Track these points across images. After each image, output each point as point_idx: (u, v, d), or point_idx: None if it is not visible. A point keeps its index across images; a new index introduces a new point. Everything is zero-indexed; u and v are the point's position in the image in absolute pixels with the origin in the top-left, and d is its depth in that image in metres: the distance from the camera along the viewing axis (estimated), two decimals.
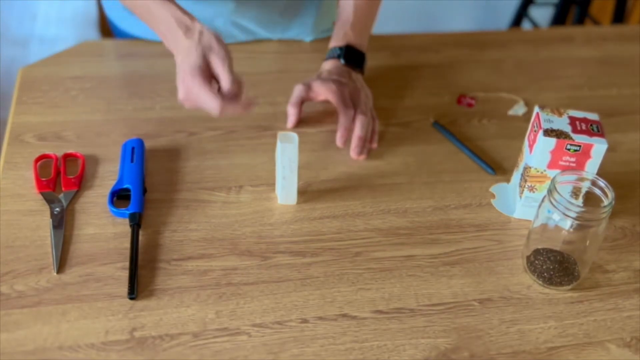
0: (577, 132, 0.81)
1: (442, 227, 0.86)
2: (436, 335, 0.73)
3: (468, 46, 1.23)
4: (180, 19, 0.84)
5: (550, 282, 0.79)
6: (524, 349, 0.73)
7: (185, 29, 0.83)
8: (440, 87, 1.12)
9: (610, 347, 0.74)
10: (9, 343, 0.68)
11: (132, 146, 0.90)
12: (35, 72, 1.06)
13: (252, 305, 0.74)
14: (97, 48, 1.14)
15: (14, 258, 0.77)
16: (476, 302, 0.77)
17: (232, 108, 0.80)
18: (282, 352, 0.70)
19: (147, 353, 0.69)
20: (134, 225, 0.80)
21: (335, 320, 0.74)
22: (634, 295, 0.80)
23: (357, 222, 0.86)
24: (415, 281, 0.79)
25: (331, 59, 1.03)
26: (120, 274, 0.76)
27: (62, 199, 0.84)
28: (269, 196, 0.88)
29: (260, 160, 0.93)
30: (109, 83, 1.05)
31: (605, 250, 0.85)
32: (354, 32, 1.03)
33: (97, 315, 0.72)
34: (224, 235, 0.82)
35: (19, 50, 2.05)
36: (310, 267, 0.79)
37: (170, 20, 0.84)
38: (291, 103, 0.98)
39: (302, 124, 1.00)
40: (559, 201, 0.75)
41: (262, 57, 1.14)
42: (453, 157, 0.97)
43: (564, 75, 1.18)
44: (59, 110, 0.99)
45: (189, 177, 0.90)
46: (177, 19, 0.84)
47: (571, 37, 1.29)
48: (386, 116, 1.03)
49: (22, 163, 0.89)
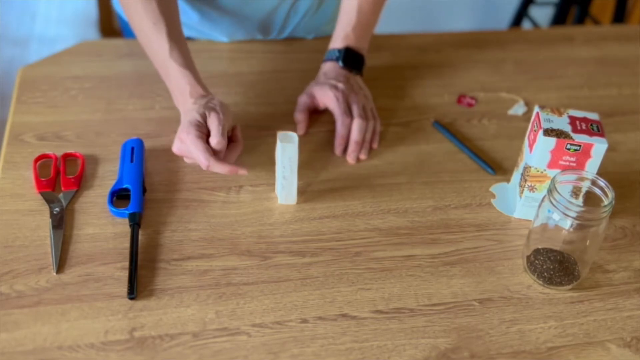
0: (577, 132, 0.81)
1: (442, 227, 0.86)
2: (436, 335, 0.73)
3: (468, 46, 1.23)
4: (195, 90, 0.88)
5: (551, 282, 0.79)
6: (524, 349, 0.73)
7: (199, 96, 0.87)
8: (440, 87, 1.12)
9: (611, 347, 0.74)
10: (8, 343, 0.68)
11: (131, 146, 0.90)
12: (35, 72, 1.06)
13: (252, 305, 0.74)
14: (96, 48, 1.14)
15: (13, 258, 0.77)
16: (476, 302, 0.77)
17: (219, 167, 0.82)
18: (282, 352, 0.70)
19: (147, 353, 0.69)
20: (134, 225, 0.80)
21: (335, 320, 0.74)
22: (634, 295, 0.79)
23: (357, 222, 0.86)
24: (415, 281, 0.79)
25: (329, 61, 1.03)
26: (120, 274, 0.76)
27: (62, 198, 0.84)
28: (269, 196, 0.88)
29: (260, 160, 0.93)
30: (108, 83, 1.05)
31: (605, 250, 0.85)
32: (355, 34, 1.03)
33: (97, 315, 0.72)
34: (223, 235, 0.82)
35: (19, 50, 2.05)
36: (310, 267, 0.79)
37: (185, 88, 0.88)
38: (298, 111, 0.99)
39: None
40: (559, 201, 0.75)
41: (262, 57, 1.14)
42: (453, 157, 0.97)
43: (564, 75, 1.18)
44: (58, 110, 0.98)
45: (188, 177, 0.90)
46: (192, 88, 0.88)
47: (571, 37, 1.29)
48: (386, 116, 1.03)
49: (22, 163, 0.89)
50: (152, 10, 0.89)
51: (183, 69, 0.88)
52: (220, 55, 1.13)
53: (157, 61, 0.91)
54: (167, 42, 0.88)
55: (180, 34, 0.92)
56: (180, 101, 0.89)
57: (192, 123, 0.83)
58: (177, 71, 0.88)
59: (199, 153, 0.81)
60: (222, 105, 0.86)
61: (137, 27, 0.92)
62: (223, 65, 1.11)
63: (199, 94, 0.88)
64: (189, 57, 0.91)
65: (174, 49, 0.88)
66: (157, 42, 0.89)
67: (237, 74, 1.09)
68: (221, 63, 1.11)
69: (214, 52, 1.13)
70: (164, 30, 0.89)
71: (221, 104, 0.87)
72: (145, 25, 0.90)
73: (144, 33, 0.91)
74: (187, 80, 0.88)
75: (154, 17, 0.89)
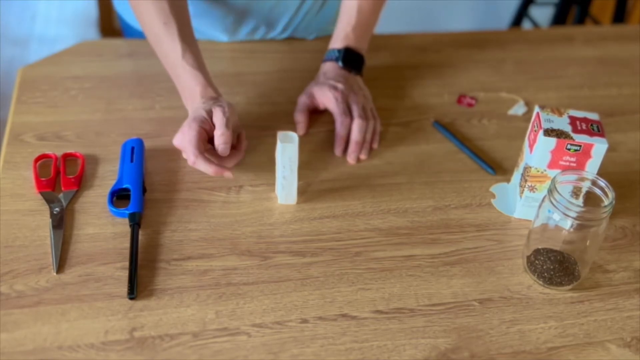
0: (578, 132, 0.81)
1: (442, 227, 0.86)
2: (436, 335, 0.73)
3: (468, 46, 1.23)
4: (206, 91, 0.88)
5: (551, 282, 0.79)
6: (524, 349, 0.72)
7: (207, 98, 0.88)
8: (440, 87, 1.12)
9: (611, 347, 0.74)
10: (8, 343, 0.68)
11: (131, 146, 0.90)
12: (35, 72, 1.06)
13: (252, 305, 0.74)
14: (96, 48, 1.14)
15: (13, 258, 0.77)
16: (476, 302, 0.77)
17: (204, 165, 0.82)
18: (282, 352, 0.70)
19: (147, 353, 0.69)
20: (134, 225, 0.80)
21: (335, 320, 0.74)
22: (634, 295, 0.79)
23: (357, 222, 0.86)
24: (415, 281, 0.79)
25: (329, 61, 1.03)
26: (120, 274, 0.76)
27: (62, 198, 0.84)
28: (269, 196, 0.88)
29: (260, 160, 0.93)
30: (108, 83, 1.05)
31: (605, 250, 0.85)
32: (354, 34, 1.03)
33: (97, 315, 0.72)
34: (223, 235, 0.82)
35: (19, 50, 2.05)
36: (310, 267, 0.79)
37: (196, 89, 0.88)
38: (297, 111, 0.99)
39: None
40: (559, 201, 0.75)
41: (262, 57, 1.14)
42: (453, 157, 0.97)
43: (564, 75, 1.18)
44: (58, 110, 0.98)
45: (188, 177, 0.90)
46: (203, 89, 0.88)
47: (571, 37, 1.29)
48: (386, 116, 1.03)
49: (22, 163, 0.89)
50: (163, 10, 0.89)
51: (195, 71, 0.88)
52: (220, 55, 1.13)
53: (168, 62, 0.91)
54: (179, 43, 0.88)
55: (191, 34, 0.92)
56: (189, 101, 0.90)
57: (197, 118, 0.84)
58: (189, 73, 0.88)
59: (190, 147, 0.82)
60: (229, 104, 0.87)
61: (147, 27, 0.92)
62: (223, 65, 1.11)
63: (209, 96, 0.88)
64: (201, 59, 0.91)
65: (187, 50, 0.89)
66: (168, 43, 0.89)
67: (238, 74, 1.09)
68: (222, 63, 1.11)
69: (215, 52, 1.12)
70: (175, 31, 0.89)
71: (228, 103, 0.87)
72: (156, 26, 0.90)
73: (153, 33, 0.91)
74: (198, 81, 0.88)
75: (165, 17, 0.89)
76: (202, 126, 0.84)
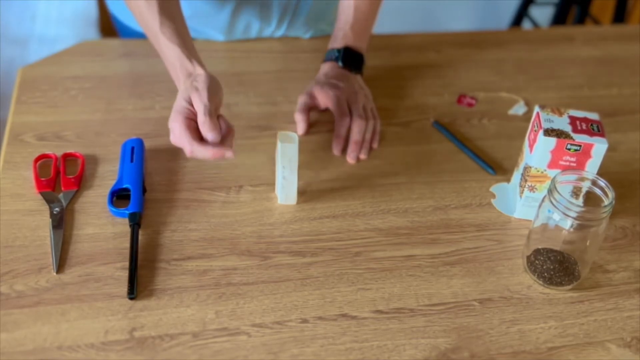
0: (578, 132, 0.81)
1: (442, 227, 0.86)
2: (436, 335, 0.73)
3: (468, 46, 1.23)
4: (183, 65, 0.84)
5: (551, 282, 0.79)
6: (524, 349, 0.72)
7: (187, 74, 0.83)
8: (440, 87, 1.12)
9: (611, 347, 0.74)
10: (8, 343, 0.68)
11: (131, 146, 0.90)
12: (35, 71, 1.06)
13: (252, 305, 0.74)
14: (96, 48, 1.14)
15: (13, 258, 0.77)
16: (476, 302, 0.77)
17: (202, 151, 0.78)
18: (282, 352, 0.70)
19: (147, 353, 0.69)
20: (134, 225, 0.80)
21: (335, 320, 0.74)
22: (635, 295, 0.79)
23: (357, 222, 0.86)
24: (415, 281, 0.79)
25: (329, 61, 1.03)
26: (120, 274, 0.76)
27: (62, 198, 0.84)
28: (269, 196, 0.88)
29: (260, 160, 0.93)
30: (108, 83, 1.05)
31: (605, 250, 0.85)
32: (353, 34, 1.03)
33: (97, 315, 0.72)
34: (223, 235, 0.82)
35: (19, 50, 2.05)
36: (310, 267, 0.79)
37: (175, 64, 0.84)
38: (298, 110, 0.98)
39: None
40: (559, 201, 0.75)
41: (262, 57, 1.14)
42: (453, 157, 0.97)
43: (564, 75, 1.18)
44: (58, 110, 0.98)
45: (188, 177, 0.90)
46: (181, 64, 0.84)
47: (571, 36, 1.29)
48: (386, 116, 1.03)
49: (22, 163, 0.89)
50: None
51: (171, 44, 0.84)
52: (218, 55, 1.13)
53: (151, 38, 0.89)
54: (157, 16, 0.85)
55: (175, 10, 0.89)
56: (176, 81, 0.86)
57: (179, 111, 0.80)
58: (166, 47, 0.85)
59: (184, 141, 0.79)
60: (206, 82, 0.81)
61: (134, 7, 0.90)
62: (222, 65, 1.11)
63: (186, 72, 0.83)
64: (181, 32, 0.86)
65: (164, 23, 0.85)
66: (149, 18, 0.86)
67: (237, 73, 1.09)
68: (220, 63, 1.11)
69: (212, 52, 1.12)
70: (155, 4, 0.86)
71: (205, 80, 0.81)
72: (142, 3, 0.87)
73: (139, 11, 0.88)
74: (176, 55, 0.84)
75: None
76: (187, 116, 0.80)
